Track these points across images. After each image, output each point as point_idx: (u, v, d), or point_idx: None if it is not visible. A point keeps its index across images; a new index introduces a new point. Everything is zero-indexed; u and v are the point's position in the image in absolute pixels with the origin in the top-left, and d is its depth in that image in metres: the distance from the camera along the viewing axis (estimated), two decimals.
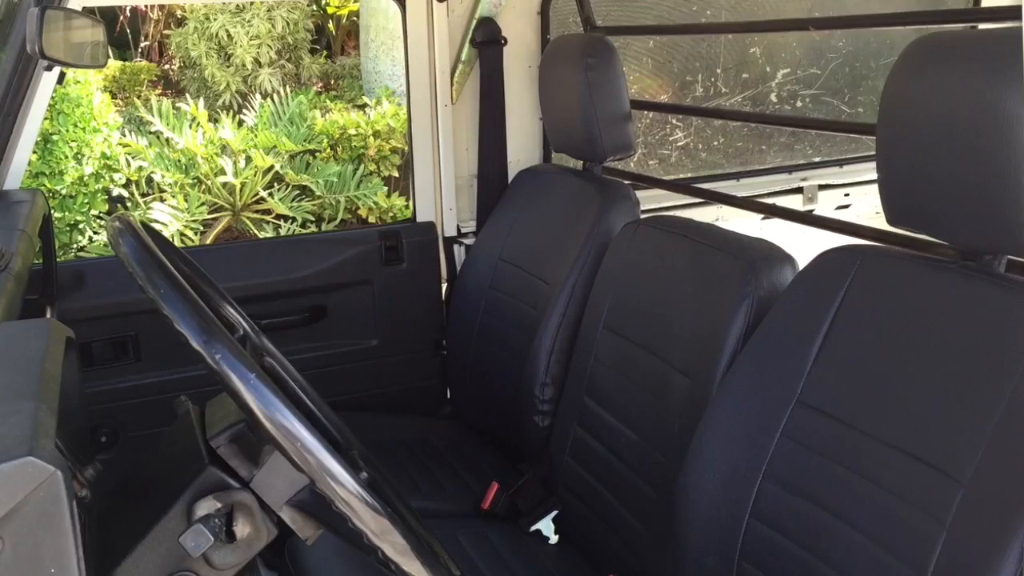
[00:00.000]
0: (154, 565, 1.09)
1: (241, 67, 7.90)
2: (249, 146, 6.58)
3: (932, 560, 1.33)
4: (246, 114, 7.10)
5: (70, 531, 0.87)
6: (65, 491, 0.87)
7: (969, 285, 1.44)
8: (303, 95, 7.33)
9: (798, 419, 1.60)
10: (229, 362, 0.97)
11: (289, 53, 8.23)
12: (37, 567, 0.86)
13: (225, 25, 7.75)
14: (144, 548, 1.09)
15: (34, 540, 0.86)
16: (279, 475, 1.13)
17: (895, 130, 1.49)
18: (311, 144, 6.88)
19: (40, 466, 0.85)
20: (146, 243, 1.10)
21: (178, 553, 1.09)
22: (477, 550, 2.12)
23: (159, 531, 1.10)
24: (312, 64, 8.52)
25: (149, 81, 9.06)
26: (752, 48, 3.09)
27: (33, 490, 0.85)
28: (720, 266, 1.88)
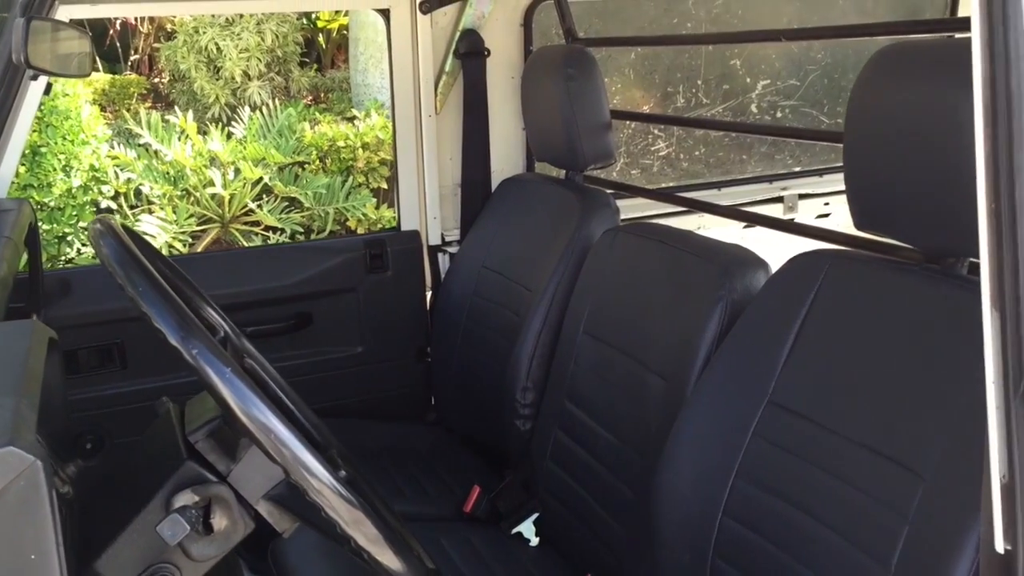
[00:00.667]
0: (133, 557, 1.12)
1: (230, 80, 7.94)
2: (238, 158, 6.61)
3: (895, 553, 1.36)
4: (235, 126, 7.13)
5: (50, 520, 0.90)
6: (45, 481, 0.89)
7: (932, 287, 1.48)
8: (292, 107, 7.36)
9: (769, 418, 1.64)
10: (206, 357, 1.00)
11: (279, 66, 8.27)
12: (18, 554, 0.89)
13: (215, 38, 7.78)
14: (124, 540, 1.12)
15: (15, 528, 0.88)
16: (256, 470, 1.16)
17: (861, 137, 1.53)
18: (300, 156, 6.92)
19: (20, 456, 0.88)
20: (127, 244, 1.13)
21: (158, 545, 1.12)
22: (459, 553, 2.14)
23: (138, 524, 1.13)
24: (301, 77, 8.56)
25: (139, 94, 9.09)
26: (732, 60, 3.14)
27: (13, 479, 0.88)
28: (695, 271, 1.92)
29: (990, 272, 1.07)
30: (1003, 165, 1.04)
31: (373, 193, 7.04)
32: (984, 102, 1.06)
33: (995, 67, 1.04)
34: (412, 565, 1.12)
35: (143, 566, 1.13)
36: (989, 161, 1.05)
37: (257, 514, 1.19)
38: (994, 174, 1.05)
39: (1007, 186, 1.03)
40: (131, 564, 1.12)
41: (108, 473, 1.31)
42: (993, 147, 1.05)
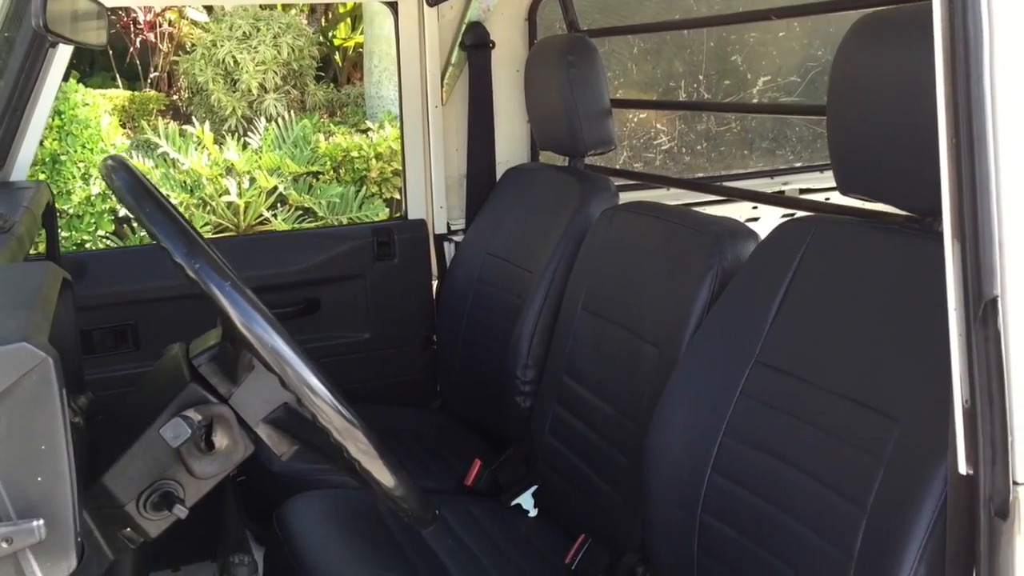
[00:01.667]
0: (139, 473, 1.18)
1: (247, 92, 8.06)
2: (253, 167, 6.71)
3: (871, 494, 1.41)
4: (251, 136, 7.24)
5: (60, 414, 0.96)
6: (56, 378, 0.96)
7: (912, 243, 1.53)
8: (307, 119, 7.48)
9: (756, 377, 1.69)
10: (207, 272, 1.07)
11: (294, 79, 8.39)
12: (29, 444, 0.95)
13: (232, 51, 7.92)
14: (130, 456, 1.18)
15: (27, 419, 0.95)
16: (256, 394, 1.22)
17: (843, 104, 1.59)
18: (314, 166, 7.02)
19: (33, 352, 0.94)
20: (137, 176, 1.20)
21: (162, 462, 1.19)
22: (459, 522, 2.19)
23: (144, 441, 1.19)
24: (317, 91, 8.67)
25: (158, 110, 9.24)
26: (733, 56, 3.21)
27: (26, 373, 0.94)
28: (688, 242, 1.97)
29: (951, 205, 1.13)
30: (962, 100, 1.10)
31: (386, 203, 7.13)
32: (943, 43, 1.12)
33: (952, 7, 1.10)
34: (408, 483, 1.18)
35: (148, 481, 1.19)
36: (949, 96, 1.11)
37: (257, 438, 1.25)
38: (953, 108, 1.11)
39: (966, 120, 1.09)
40: (137, 479, 1.18)
41: (117, 406, 1.38)
42: (952, 84, 1.11)
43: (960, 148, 1.10)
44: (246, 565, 1.89)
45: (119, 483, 1.18)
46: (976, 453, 1.12)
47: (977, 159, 1.09)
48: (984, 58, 1.07)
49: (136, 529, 1.22)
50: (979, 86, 1.07)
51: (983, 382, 1.11)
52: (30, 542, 0.94)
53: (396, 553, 1.99)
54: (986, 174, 1.08)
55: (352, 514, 2.11)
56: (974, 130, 1.08)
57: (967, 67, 1.08)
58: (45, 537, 0.95)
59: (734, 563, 1.66)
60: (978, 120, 1.08)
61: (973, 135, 1.08)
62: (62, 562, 0.98)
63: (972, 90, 1.07)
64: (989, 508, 1.12)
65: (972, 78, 1.08)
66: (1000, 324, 1.10)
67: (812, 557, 1.50)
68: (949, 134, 1.12)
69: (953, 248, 1.13)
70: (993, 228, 1.08)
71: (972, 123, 1.08)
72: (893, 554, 1.32)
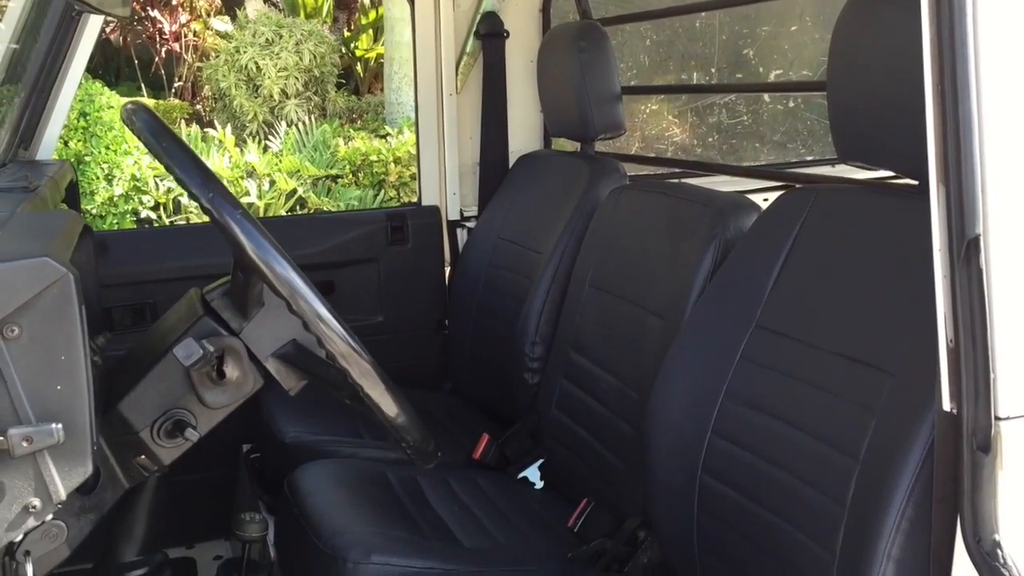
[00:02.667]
0: (153, 402, 1.24)
1: (269, 98, 8.16)
2: (274, 170, 6.80)
3: (863, 444, 1.44)
4: (272, 140, 7.34)
5: (79, 327, 1.02)
6: (76, 293, 1.01)
7: (908, 205, 1.57)
8: (328, 124, 7.57)
9: (756, 341, 1.73)
10: (219, 202, 1.12)
11: (316, 86, 8.49)
12: (49, 353, 1.00)
13: (254, 57, 8.02)
14: (145, 385, 1.24)
15: (48, 330, 1.00)
16: (266, 329, 1.28)
17: (843, 72, 1.64)
18: (334, 170, 7.10)
19: (54, 266, 1.00)
20: (157, 117, 1.26)
21: (176, 392, 1.24)
22: (466, 492, 2.23)
23: (158, 370, 1.24)
24: (338, 98, 8.77)
25: (182, 118, 9.37)
26: (746, 50, 3.26)
27: (48, 287, 0.99)
28: (691, 214, 2.02)
29: (935, 148, 1.17)
30: (946, 46, 1.14)
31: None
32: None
33: None
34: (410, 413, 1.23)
35: (162, 410, 1.24)
36: (934, 42, 1.15)
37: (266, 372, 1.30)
38: (939, 54, 1.15)
39: (950, 65, 1.13)
40: (151, 407, 1.24)
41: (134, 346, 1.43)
42: (937, 30, 1.15)
43: (945, 93, 1.14)
44: (257, 523, 1.93)
45: (134, 410, 1.23)
46: (960, 390, 1.16)
47: (961, 103, 1.13)
48: (967, 4, 1.11)
49: (150, 456, 1.27)
50: (962, 32, 1.11)
51: (966, 321, 1.15)
52: (49, 443, 0.99)
53: (403, 516, 2.04)
54: (969, 117, 1.12)
55: (361, 480, 2.15)
56: (958, 75, 1.12)
57: (951, 13, 1.12)
58: (63, 441, 1.00)
59: (733, 522, 1.69)
60: (961, 65, 1.12)
61: (957, 80, 1.12)
62: (78, 467, 1.03)
63: (956, 36, 1.12)
64: (972, 443, 1.15)
65: (956, 24, 1.12)
66: (982, 262, 1.13)
67: (807, 510, 1.53)
68: (935, 81, 1.16)
69: (938, 191, 1.17)
70: (976, 169, 1.12)
71: (956, 68, 1.12)
72: (882, 498, 1.35)
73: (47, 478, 1.01)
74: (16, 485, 1.01)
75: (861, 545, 1.37)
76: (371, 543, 1.84)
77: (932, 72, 1.16)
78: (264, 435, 2.52)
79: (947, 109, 1.14)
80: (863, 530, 1.38)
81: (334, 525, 1.90)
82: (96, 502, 1.28)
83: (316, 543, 1.86)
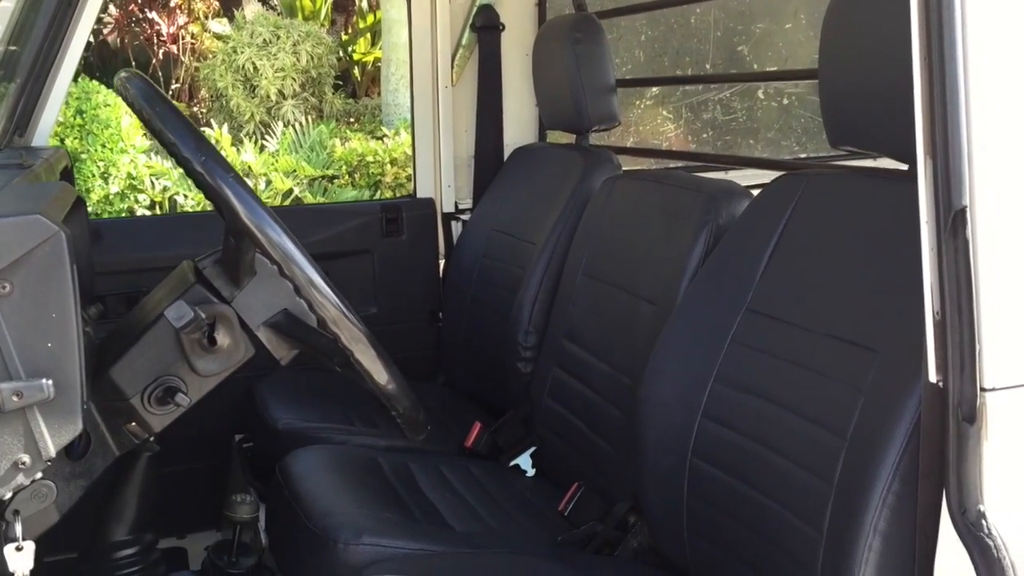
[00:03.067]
0: (144, 368, 1.24)
1: (265, 98, 8.17)
2: (270, 169, 6.80)
3: (851, 423, 1.45)
4: (268, 140, 7.35)
5: (70, 286, 1.02)
6: (67, 252, 1.02)
7: (898, 186, 1.58)
8: (324, 125, 7.58)
9: (746, 325, 1.73)
10: (211, 165, 1.13)
11: (313, 87, 8.50)
12: (41, 311, 1.01)
13: (252, 58, 8.03)
14: (136, 352, 1.24)
15: (39, 288, 1.01)
16: (257, 298, 1.28)
17: (833, 59, 1.65)
18: (330, 170, 7.11)
19: (46, 224, 1.00)
20: (151, 84, 1.27)
21: (167, 359, 1.24)
22: (458, 479, 2.24)
23: (150, 337, 1.25)
24: (335, 100, 8.78)
25: None
26: (740, 47, 3.27)
27: (40, 244, 1.00)
28: (684, 201, 2.03)
29: (923, 120, 1.18)
30: (933, 17, 1.15)
31: None
32: None
33: None
34: (401, 381, 1.23)
35: (153, 376, 1.25)
36: (921, 12, 1.16)
37: (257, 341, 1.30)
38: (926, 24, 1.16)
39: (937, 34, 1.15)
40: (142, 373, 1.24)
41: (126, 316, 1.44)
42: (926, 1, 1.16)
43: (932, 65, 1.15)
44: (248, 504, 1.94)
45: (125, 376, 1.24)
46: (946, 362, 1.17)
47: (948, 76, 1.14)
48: None
49: (141, 424, 1.28)
50: (950, 3, 1.12)
51: (952, 293, 1.16)
52: (39, 399, 1.00)
53: (394, 500, 2.04)
54: (956, 90, 1.13)
55: (352, 466, 2.16)
56: (945, 47, 1.13)
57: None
58: (53, 397, 1.01)
59: (722, 504, 1.70)
60: (948, 37, 1.13)
61: (944, 52, 1.13)
62: (69, 424, 1.03)
63: (943, 7, 1.13)
64: (958, 415, 1.16)
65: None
66: (968, 233, 1.14)
67: (795, 490, 1.54)
68: (922, 54, 1.17)
69: (925, 164, 1.18)
70: (962, 141, 1.13)
71: (943, 40, 1.13)
72: (868, 473, 1.36)
73: (37, 434, 1.02)
74: (6, 441, 1.01)
75: (847, 520, 1.38)
76: (362, 524, 1.85)
77: (919, 45, 1.17)
78: (256, 424, 2.53)
79: (934, 82, 1.15)
80: (849, 506, 1.39)
81: (325, 507, 1.91)
82: (86, 468, 1.28)
83: (307, 524, 1.87)
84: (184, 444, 2.53)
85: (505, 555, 1.89)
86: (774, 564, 1.57)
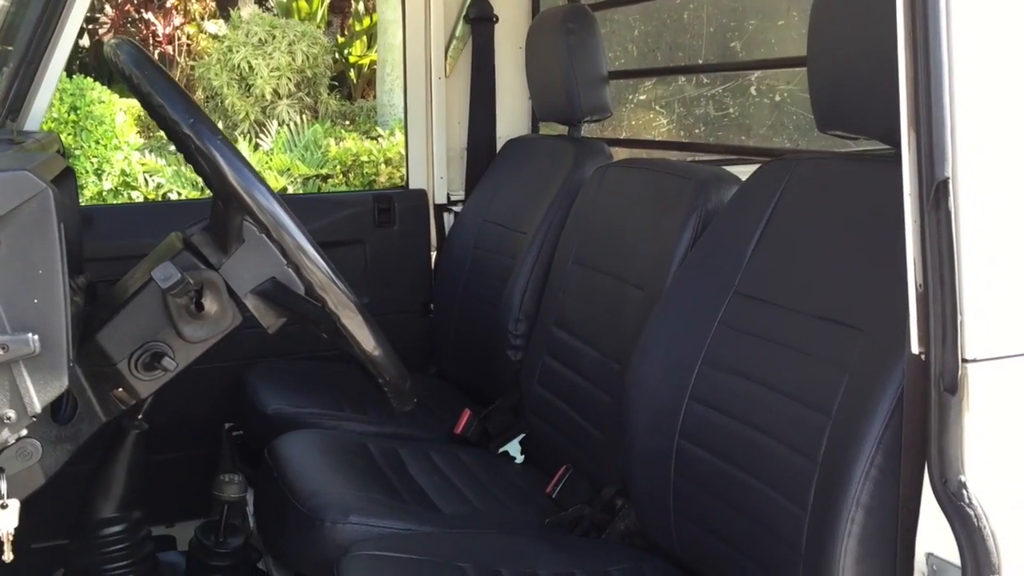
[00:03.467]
0: (131, 333, 1.25)
1: (260, 98, 8.18)
2: (264, 168, 6.81)
3: (836, 400, 1.46)
4: (262, 139, 7.36)
5: (57, 243, 1.03)
6: (55, 208, 1.02)
7: (885, 168, 1.59)
8: (319, 124, 7.60)
9: (734, 308, 1.74)
10: (199, 128, 1.14)
11: (308, 87, 8.51)
12: (27, 267, 1.01)
13: (247, 57, 8.04)
14: (123, 317, 1.25)
15: (26, 244, 1.01)
16: (245, 266, 1.29)
17: (822, 45, 1.67)
18: (324, 169, 7.12)
19: (34, 181, 1.01)
20: (143, 50, 1.27)
21: (154, 325, 1.25)
22: (448, 465, 2.24)
23: (137, 302, 1.25)
24: (330, 100, 8.80)
25: None
26: (733, 43, 3.29)
27: (27, 200, 1.00)
28: (673, 188, 2.04)
29: (907, 93, 1.19)
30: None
31: None
32: None
33: None
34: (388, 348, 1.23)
35: (140, 342, 1.25)
36: None
37: (245, 309, 1.31)
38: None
39: (921, 8, 1.16)
40: (129, 339, 1.25)
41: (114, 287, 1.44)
42: None
43: (916, 38, 1.16)
44: (236, 483, 1.94)
45: (112, 341, 1.24)
46: (928, 334, 1.18)
47: (932, 48, 1.15)
48: None
49: (127, 390, 1.28)
50: None
51: (935, 264, 1.17)
52: (24, 353, 1.00)
53: (382, 483, 2.04)
54: (940, 62, 1.14)
55: (342, 450, 2.16)
56: (929, 20, 1.14)
57: None
58: (39, 352, 1.01)
59: (708, 485, 1.70)
60: (932, 9, 1.14)
61: (928, 25, 1.15)
62: (54, 381, 1.04)
63: None
64: (940, 385, 1.17)
65: None
66: (951, 205, 1.15)
67: (780, 468, 1.54)
68: (906, 27, 1.18)
69: (909, 137, 1.19)
70: (945, 113, 1.14)
71: (927, 13, 1.14)
72: (852, 448, 1.37)
73: (22, 389, 1.02)
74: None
75: (830, 495, 1.39)
76: (349, 504, 1.85)
77: (904, 19, 1.18)
78: (246, 410, 2.53)
79: (918, 54, 1.16)
80: (833, 481, 1.40)
81: (312, 487, 1.91)
82: (72, 432, 1.28)
83: (294, 504, 1.87)
84: (175, 432, 2.55)
85: (492, 535, 1.90)
86: (759, 543, 1.57)
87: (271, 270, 1.29)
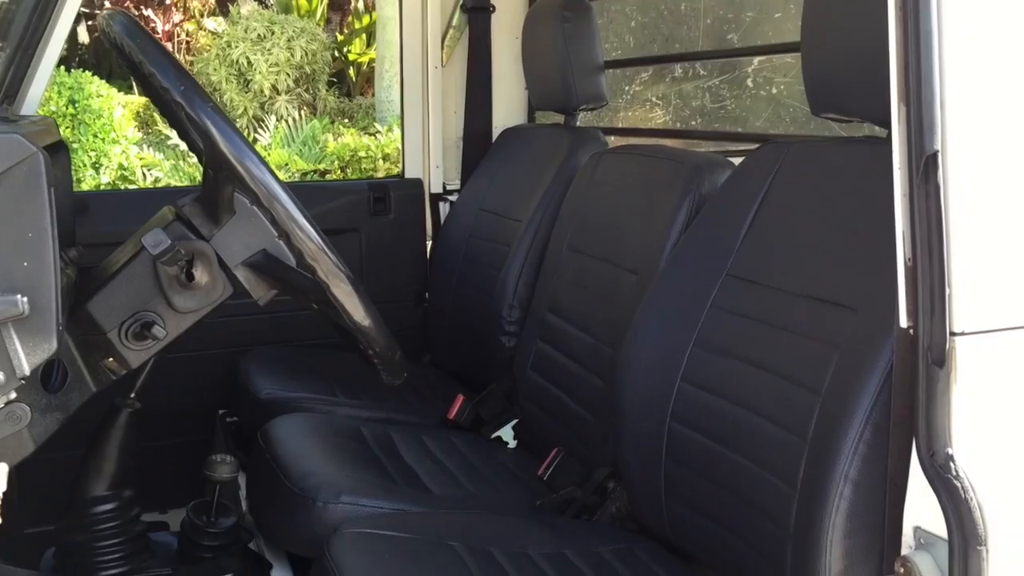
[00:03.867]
0: (122, 303, 1.25)
1: (259, 93, 8.19)
2: None
3: (826, 378, 1.46)
4: (261, 134, 7.36)
5: (47, 207, 1.03)
6: (45, 172, 1.02)
7: (875, 149, 1.60)
8: (318, 120, 7.60)
9: (726, 290, 1.75)
10: (190, 95, 1.14)
11: (307, 83, 8.52)
12: (17, 230, 1.02)
13: (246, 52, 8.05)
14: (114, 287, 1.25)
15: (16, 207, 1.01)
16: (236, 238, 1.29)
17: (816, 28, 1.67)
18: (322, 164, 7.12)
19: (25, 145, 1.01)
20: (136, 22, 1.27)
21: (144, 295, 1.25)
22: (441, 449, 2.24)
23: (127, 272, 1.26)
24: (328, 96, 8.80)
25: None
26: (730, 35, 3.29)
27: (18, 163, 1.01)
28: (667, 173, 2.04)
29: (897, 67, 1.19)
30: None
31: None
32: None
33: None
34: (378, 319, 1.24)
35: (130, 312, 1.25)
36: None
37: (236, 280, 1.31)
38: None
39: None
40: (120, 308, 1.25)
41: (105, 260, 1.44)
42: None
43: (907, 11, 1.17)
44: (228, 464, 1.94)
45: (102, 310, 1.25)
46: (916, 307, 1.18)
47: (922, 21, 1.15)
48: None
49: (118, 359, 1.28)
50: None
51: (923, 238, 1.17)
52: (13, 314, 1.00)
53: (374, 465, 2.05)
54: (929, 35, 1.15)
55: (334, 433, 2.16)
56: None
57: None
58: (28, 314, 1.01)
59: (699, 466, 1.71)
60: None
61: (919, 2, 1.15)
62: (43, 343, 1.04)
63: None
64: (928, 358, 1.17)
65: None
66: (940, 178, 1.16)
67: (771, 447, 1.55)
68: (897, 3, 1.19)
69: (899, 110, 1.19)
70: (935, 86, 1.15)
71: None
72: (840, 424, 1.38)
73: (11, 351, 1.02)
74: None
75: (819, 471, 1.39)
76: (341, 485, 1.85)
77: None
78: (240, 396, 2.53)
79: (908, 28, 1.17)
80: (822, 457, 1.40)
81: (304, 468, 1.91)
82: (63, 401, 1.28)
83: (286, 484, 1.87)
84: (169, 419, 2.55)
85: (483, 515, 1.90)
86: (748, 522, 1.58)
87: (262, 242, 1.29)
